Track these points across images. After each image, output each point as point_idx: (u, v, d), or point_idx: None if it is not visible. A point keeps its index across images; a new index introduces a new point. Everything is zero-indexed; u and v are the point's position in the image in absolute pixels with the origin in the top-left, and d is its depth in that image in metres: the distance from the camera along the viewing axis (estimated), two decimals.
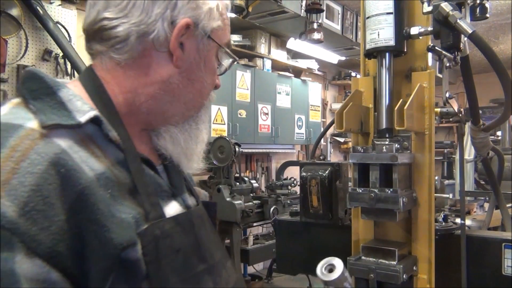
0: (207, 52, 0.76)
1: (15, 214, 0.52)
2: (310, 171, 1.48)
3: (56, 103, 0.64)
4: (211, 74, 0.78)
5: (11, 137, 0.58)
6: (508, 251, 1.19)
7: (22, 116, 0.62)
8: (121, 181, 0.65)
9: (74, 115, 0.64)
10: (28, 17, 3.29)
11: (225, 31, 0.78)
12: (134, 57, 0.71)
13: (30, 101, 0.64)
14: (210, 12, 0.73)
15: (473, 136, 1.49)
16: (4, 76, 3.16)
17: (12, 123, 0.60)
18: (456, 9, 1.08)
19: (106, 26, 0.70)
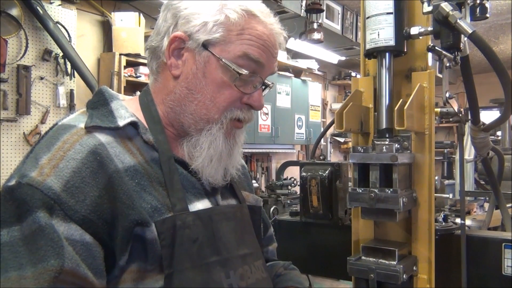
0: (204, 64, 0.80)
1: (59, 189, 0.68)
2: (310, 171, 1.48)
3: (107, 112, 0.80)
4: (215, 86, 0.81)
5: (65, 134, 0.75)
6: (508, 251, 1.19)
7: (80, 120, 0.78)
8: (152, 175, 0.77)
9: (116, 120, 0.79)
10: (28, 17, 3.29)
11: (235, 44, 0.80)
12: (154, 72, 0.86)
13: (89, 110, 0.81)
14: (204, 25, 0.79)
15: (473, 136, 1.49)
16: (4, 76, 3.16)
17: (70, 124, 0.77)
18: (456, 9, 1.08)
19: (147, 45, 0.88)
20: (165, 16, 0.83)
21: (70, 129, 0.76)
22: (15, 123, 3.26)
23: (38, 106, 3.39)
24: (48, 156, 0.71)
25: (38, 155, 0.72)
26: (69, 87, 3.58)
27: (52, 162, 0.70)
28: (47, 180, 0.68)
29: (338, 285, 3.93)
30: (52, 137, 0.75)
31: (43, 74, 3.41)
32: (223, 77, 0.81)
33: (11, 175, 0.72)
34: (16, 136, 3.28)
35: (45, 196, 0.67)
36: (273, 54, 0.85)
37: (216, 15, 0.79)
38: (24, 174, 0.69)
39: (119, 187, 0.72)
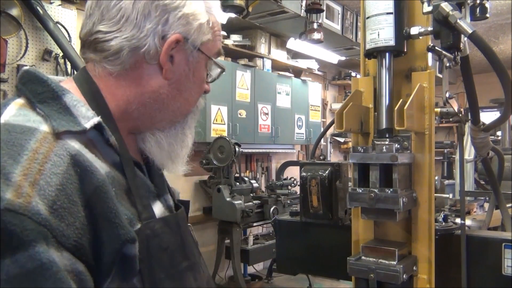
0: (196, 64, 0.79)
1: (47, 212, 0.56)
2: (310, 171, 1.48)
3: (61, 108, 0.68)
4: (199, 83, 0.82)
5: (30, 140, 0.61)
6: (508, 251, 1.19)
7: (33, 119, 0.65)
8: (120, 182, 0.70)
9: (79, 121, 0.68)
10: (28, 17, 3.29)
11: (215, 42, 0.81)
12: (126, 69, 0.75)
13: (36, 105, 0.67)
14: (200, 27, 0.77)
15: (473, 136, 1.49)
16: (4, 76, 3.16)
17: (26, 126, 0.64)
18: (456, 9, 1.08)
19: (100, 39, 0.73)
20: (143, 9, 0.72)
21: (31, 133, 0.62)
22: None
23: None
24: (20, 170, 0.57)
25: (5, 169, 0.57)
26: None
27: (29, 178, 0.57)
28: (32, 202, 0.56)
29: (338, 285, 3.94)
30: (10, 144, 0.60)
31: None
32: (204, 74, 0.82)
33: None
34: None
35: (36, 224, 0.55)
36: None
37: (205, 16, 0.78)
38: None
39: (104, 203, 0.63)
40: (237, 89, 4.82)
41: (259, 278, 4.75)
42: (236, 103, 4.80)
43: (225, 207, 3.58)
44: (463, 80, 1.25)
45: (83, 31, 0.76)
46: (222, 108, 4.61)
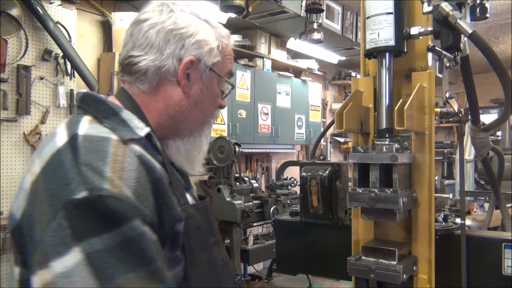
0: (209, 81, 0.97)
1: (134, 198, 0.76)
2: (310, 171, 1.48)
3: (120, 122, 0.88)
4: (213, 98, 1.00)
5: (108, 146, 0.80)
6: (508, 251, 1.19)
7: (103, 131, 0.84)
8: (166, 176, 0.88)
9: (135, 131, 0.88)
10: (28, 17, 3.29)
11: (225, 63, 0.99)
12: (153, 86, 0.94)
13: (102, 120, 0.87)
14: (210, 51, 0.95)
15: (473, 136, 1.49)
16: (4, 76, 3.16)
17: (101, 136, 0.82)
18: (456, 9, 1.08)
19: (132, 62, 0.93)
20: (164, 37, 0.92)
21: (108, 141, 0.82)
22: (15, 123, 3.26)
23: (38, 106, 3.39)
24: (109, 169, 0.77)
25: (98, 168, 0.76)
26: (69, 87, 3.58)
27: (116, 174, 0.76)
28: (123, 190, 0.75)
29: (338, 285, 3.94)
30: (96, 150, 0.79)
31: (43, 74, 3.40)
32: (218, 89, 1.00)
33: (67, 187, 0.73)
34: (16, 136, 3.27)
35: (130, 205, 0.74)
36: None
37: (216, 42, 0.96)
38: (97, 186, 0.73)
39: (162, 190, 0.83)
40: (237, 89, 4.82)
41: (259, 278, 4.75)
42: (236, 103, 4.80)
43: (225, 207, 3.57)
44: (463, 80, 1.25)
45: (120, 57, 0.97)
46: None
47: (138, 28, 0.93)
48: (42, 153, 0.83)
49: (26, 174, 0.84)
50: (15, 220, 0.80)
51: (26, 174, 0.83)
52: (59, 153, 0.79)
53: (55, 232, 0.70)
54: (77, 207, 0.71)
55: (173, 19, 0.93)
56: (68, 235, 0.70)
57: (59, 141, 0.81)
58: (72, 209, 0.71)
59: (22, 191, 0.82)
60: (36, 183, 0.79)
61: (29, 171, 0.83)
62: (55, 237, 0.70)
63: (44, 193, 0.76)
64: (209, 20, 0.98)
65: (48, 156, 0.80)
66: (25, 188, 0.81)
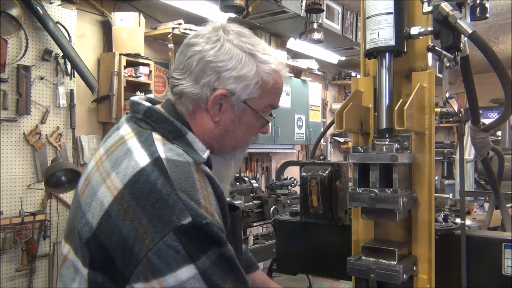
0: (241, 113, 1.00)
1: (220, 220, 0.89)
2: (310, 171, 1.48)
3: (187, 144, 0.95)
4: (246, 128, 1.03)
5: (192, 172, 0.90)
6: (508, 251, 1.19)
7: (181, 154, 0.92)
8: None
9: (200, 153, 0.95)
10: (28, 17, 3.29)
11: (264, 98, 1.01)
12: (190, 110, 1.00)
13: (173, 141, 0.94)
14: (246, 87, 0.97)
15: (473, 136, 1.49)
16: (4, 76, 3.16)
17: (184, 161, 0.91)
18: (456, 9, 1.08)
19: (172, 82, 1.01)
20: (202, 67, 0.96)
21: (190, 166, 0.91)
22: (15, 123, 3.26)
23: (38, 106, 3.39)
24: (201, 196, 0.87)
25: (193, 196, 0.86)
26: (69, 87, 3.58)
27: (207, 201, 0.88)
28: (215, 217, 0.87)
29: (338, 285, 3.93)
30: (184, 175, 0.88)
31: (43, 74, 3.40)
32: (254, 122, 1.03)
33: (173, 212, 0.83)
34: (16, 136, 3.27)
35: (221, 231, 0.87)
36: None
37: (255, 78, 0.97)
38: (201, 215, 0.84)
39: (223, 206, 0.94)
40: None
41: None
42: None
43: None
44: (463, 80, 1.25)
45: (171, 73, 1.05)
46: None
47: (186, 51, 0.99)
48: (119, 168, 0.89)
49: (101, 184, 0.90)
50: (91, 229, 0.88)
51: (101, 185, 0.90)
52: (146, 174, 0.86)
53: (164, 251, 0.81)
54: (187, 231, 0.82)
55: (215, 50, 0.96)
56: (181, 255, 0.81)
57: (141, 160, 0.88)
58: (182, 233, 0.82)
59: (98, 202, 0.88)
60: (122, 199, 0.85)
61: (104, 183, 0.89)
62: (165, 255, 0.80)
63: (139, 212, 0.83)
64: (256, 54, 0.99)
65: (130, 173, 0.87)
66: (101, 199, 0.88)
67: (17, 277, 3.28)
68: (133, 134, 0.95)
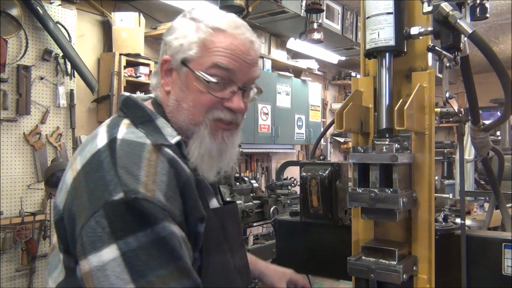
0: (185, 78, 0.96)
1: (165, 200, 0.82)
2: (310, 171, 1.48)
3: (155, 128, 0.93)
4: (195, 95, 0.96)
5: (143, 151, 0.87)
6: (508, 251, 1.19)
7: (140, 136, 0.90)
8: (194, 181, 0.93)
9: (167, 138, 0.93)
10: (28, 17, 3.29)
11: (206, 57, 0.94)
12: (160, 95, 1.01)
13: (139, 125, 0.93)
14: (181, 46, 0.95)
15: (473, 136, 1.49)
16: (4, 76, 3.16)
17: (139, 142, 0.89)
18: (456, 9, 1.08)
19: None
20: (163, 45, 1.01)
21: (144, 147, 0.88)
22: (15, 123, 3.26)
23: (38, 106, 3.39)
24: (143, 173, 0.83)
25: (133, 172, 0.82)
26: (69, 87, 3.58)
27: (150, 178, 0.83)
28: (155, 195, 0.81)
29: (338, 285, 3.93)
30: (132, 154, 0.86)
31: (43, 74, 3.41)
32: (199, 86, 0.95)
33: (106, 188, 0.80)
34: (16, 136, 3.27)
35: (161, 209, 0.81)
36: (246, 61, 0.97)
37: (190, 37, 0.95)
38: (133, 190, 0.80)
39: (189, 192, 0.89)
40: None
41: None
42: None
43: None
44: (463, 80, 1.25)
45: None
46: None
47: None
48: (83, 152, 0.90)
49: (68, 169, 0.92)
50: (59, 212, 0.88)
51: (68, 170, 0.92)
52: (99, 154, 0.86)
53: (93, 228, 0.78)
54: (115, 207, 0.78)
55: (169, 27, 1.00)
56: (106, 233, 0.77)
57: (100, 142, 0.88)
58: (111, 209, 0.78)
59: (64, 185, 0.90)
60: (77, 179, 0.86)
61: (70, 167, 0.91)
62: (92, 233, 0.77)
63: (84, 190, 0.83)
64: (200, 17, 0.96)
65: (89, 155, 0.87)
66: (66, 182, 0.89)
67: (17, 277, 3.28)
68: (107, 121, 0.97)
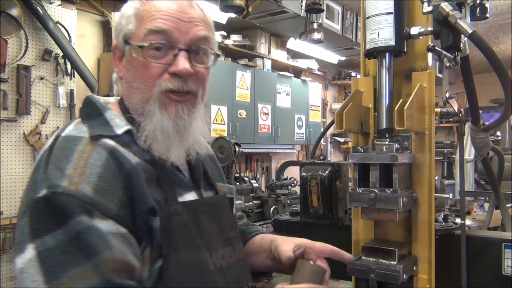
0: (130, 57, 0.92)
1: (91, 193, 0.76)
2: (310, 171, 1.48)
3: (103, 121, 0.89)
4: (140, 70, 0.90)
5: (78, 145, 0.83)
6: (508, 251, 1.19)
7: (82, 131, 0.86)
8: (152, 172, 0.88)
9: (114, 129, 0.88)
10: (28, 17, 3.29)
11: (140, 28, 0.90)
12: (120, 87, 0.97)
13: (85, 121, 0.89)
14: (120, 26, 0.93)
15: (473, 136, 1.49)
16: (4, 76, 3.16)
17: (77, 136, 0.85)
18: (456, 9, 1.08)
19: None
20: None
21: (80, 140, 0.84)
22: (15, 123, 3.26)
23: (38, 106, 3.39)
24: (71, 166, 0.79)
25: (61, 166, 0.78)
26: (69, 87, 3.58)
27: (77, 170, 0.78)
28: (79, 187, 0.76)
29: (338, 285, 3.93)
30: (66, 149, 0.82)
31: (43, 74, 3.41)
32: (139, 58, 0.89)
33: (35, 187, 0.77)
34: (16, 136, 3.27)
35: (82, 202, 0.75)
36: (182, 19, 0.90)
37: (127, 13, 0.92)
38: (55, 184, 0.76)
39: (134, 183, 0.83)
40: (237, 89, 4.82)
41: None
42: (236, 103, 4.80)
43: None
44: (463, 80, 1.25)
45: None
46: (222, 108, 4.61)
47: None
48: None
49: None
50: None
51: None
52: (42, 155, 0.83)
53: (21, 229, 0.75)
54: (37, 205, 0.75)
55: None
56: (27, 233, 0.74)
57: (47, 144, 0.86)
58: (33, 207, 0.75)
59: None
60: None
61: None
62: (21, 233, 0.75)
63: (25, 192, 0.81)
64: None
65: (39, 157, 0.85)
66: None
67: None
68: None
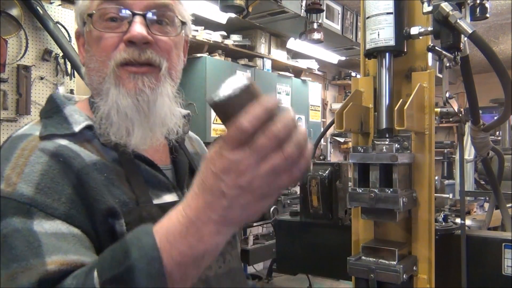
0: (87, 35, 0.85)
1: (32, 192, 0.70)
2: (310, 171, 1.48)
3: (61, 118, 0.83)
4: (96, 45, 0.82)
5: (21, 142, 0.77)
6: (508, 251, 1.19)
7: (34, 129, 0.81)
8: (119, 173, 0.80)
9: (72, 127, 0.82)
10: (28, 17, 3.29)
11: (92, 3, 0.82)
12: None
13: (43, 119, 0.83)
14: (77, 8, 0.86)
15: (473, 136, 1.49)
16: (4, 76, 3.16)
17: (25, 133, 0.80)
18: (456, 9, 1.08)
19: None
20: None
21: (25, 137, 0.78)
22: (15, 123, 3.26)
23: (38, 106, 3.38)
24: (9, 166, 0.73)
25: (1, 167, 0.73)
26: (69, 87, 3.58)
27: (16, 170, 0.73)
28: (17, 188, 0.70)
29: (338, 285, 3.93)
30: (8, 148, 0.77)
31: (43, 74, 3.40)
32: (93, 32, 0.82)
33: None
34: None
35: (18, 203, 0.69)
36: None
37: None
38: None
39: (88, 181, 0.75)
40: None
41: (259, 278, 4.75)
42: None
43: None
44: (463, 80, 1.25)
45: None
46: None
47: None
48: None
49: None
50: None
51: None
52: None
53: None
54: None
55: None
56: None
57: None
58: None
59: None
60: None
61: None
62: None
63: None
64: None
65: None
66: None
67: None
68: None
